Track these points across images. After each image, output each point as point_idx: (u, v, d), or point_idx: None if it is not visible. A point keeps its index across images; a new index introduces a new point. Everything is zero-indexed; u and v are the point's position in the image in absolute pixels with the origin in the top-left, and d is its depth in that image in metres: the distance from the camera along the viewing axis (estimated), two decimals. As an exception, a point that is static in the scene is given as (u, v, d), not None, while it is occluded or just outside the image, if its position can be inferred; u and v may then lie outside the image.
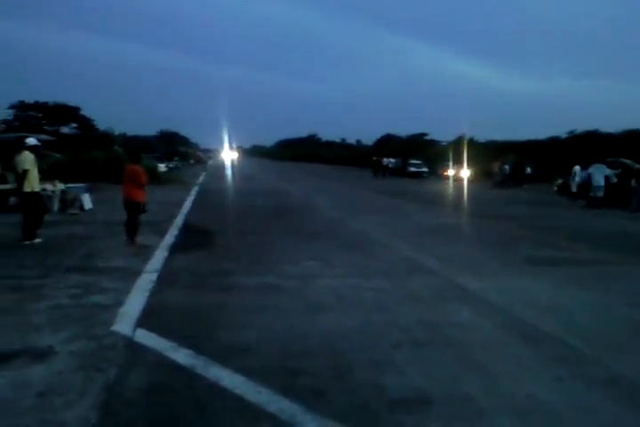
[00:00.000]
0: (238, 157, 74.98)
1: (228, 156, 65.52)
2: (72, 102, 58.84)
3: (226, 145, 68.88)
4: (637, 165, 22.13)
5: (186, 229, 11.60)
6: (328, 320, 5.36)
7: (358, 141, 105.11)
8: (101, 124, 56.63)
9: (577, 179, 22.95)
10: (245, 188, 26.11)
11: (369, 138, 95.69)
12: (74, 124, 59.46)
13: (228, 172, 39.85)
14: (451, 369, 4.20)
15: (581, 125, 46.57)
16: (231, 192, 23.75)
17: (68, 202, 14.23)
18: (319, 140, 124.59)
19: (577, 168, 23.20)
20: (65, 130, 57.51)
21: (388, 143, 75.12)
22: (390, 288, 6.74)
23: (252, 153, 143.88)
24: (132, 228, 9.43)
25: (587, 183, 21.16)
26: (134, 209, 9.43)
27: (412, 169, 45.88)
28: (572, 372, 4.20)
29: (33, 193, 9.48)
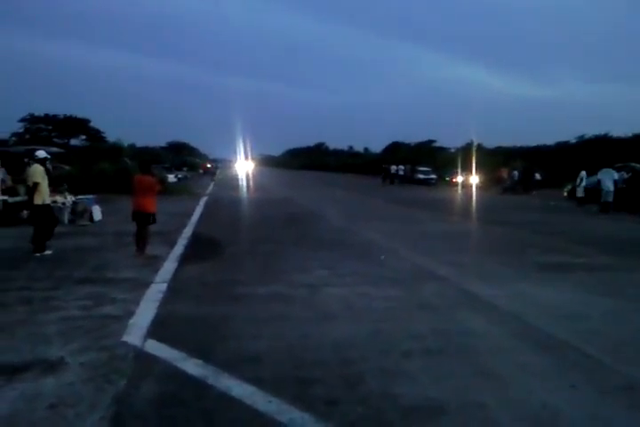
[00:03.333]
0: (254, 169, 64.10)
1: (243, 167, 55.72)
2: (81, 114, 59.40)
3: (240, 155, 60.24)
4: None
5: (195, 239, 11.61)
6: (338, 329, 5.33)
7: (366, 149, 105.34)
8: (111, 135, 57.08)
9: (583, 184, 22.89)
10: (254, 197, 26.18)
11: (377, 146, 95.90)
12: (83, 136, 60.02)
13: (237, 182, 39.91)
14: (463, 378, 4.15)
15: (591, 130, 46.37)
16: (240, 202, 23.77)
17: (78, 213, 14.31)
18: (327, 148, 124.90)
19: (583, 173, 23.15)
20: (75, 142, 58.01)
21: (397, 151, 75.12)
22: (401, 296, 6.71)
23: (261, 163, 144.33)
24: (141, 239, 9.44)
25: (595, 188, 21.09)
26: (144, 220, 9.42)
27: (421, 176, 45.82)
28: (587, 379, 4.15)
29: (43, 205, 9.54)
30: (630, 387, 4.02)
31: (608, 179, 20.23)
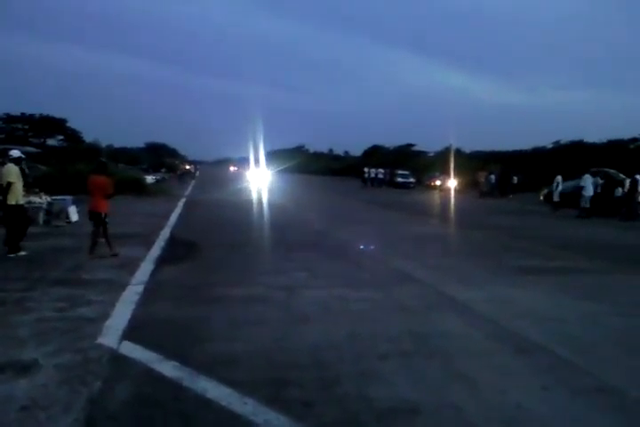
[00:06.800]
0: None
1: (257, 176, 38.96)
2: (59, 115, 58.68)
3: (251, 157, 44.70)
4: (622, 175, 22.47)
5: (172, 240, 11.53)
6: (315, 331, 5.34)
7: (346, 152, 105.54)
8: (88, 136, 56.47)
9: (559, 189, 23.26)
10: (233, 199, 26.05)
11: (357, 149, 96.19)
12: (60, 137, 59.29)
13: (215, 183, 39.63)
14: (439, 380, 4.19)
15: (566, 136, 47.06)
16: (219, 204, 23.61)
17: (54, 214, 14.13)
18: (307, 151, 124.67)
19: (559, 178, 23.50)
20: (51, 142, 57.28)
21: (376, 154, 75.42)
22: (378, 298, 6.74)
23: (240, 165, 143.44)
24: (94, 239, 9.30)
25: (572, 193, 21.53)
26: (99, 220, 9.37)
27: (400, 180, 46.14)
28: (560, 382, 4.21)
29: (17, 206, 9.39)
30: (601, 389, 4.09)
31: (591, 184, 20.67)
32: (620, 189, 20.78)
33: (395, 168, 49.29)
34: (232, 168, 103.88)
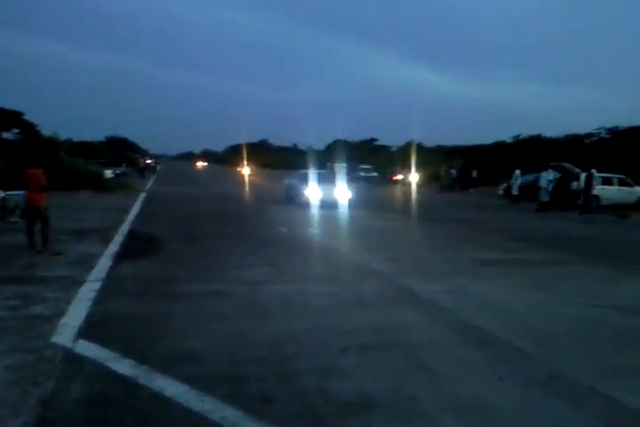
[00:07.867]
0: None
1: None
2: (15, 107, 56.86)
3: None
4: (577, 169, 23.03)
5: (132, 235, 11.33)
6: (276, 326, 5.32)
7: (310, 147, 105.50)
8: (46, 129, 54.84)
9: (518, 182, 23.72)
10: (194, 193, 25.77)
11: (320, 143, 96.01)
12: (16, 130, 57.53)
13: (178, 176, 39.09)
14: (397, 372, 4.22)
15: (526, 131, 47.85)
16: (180, 199, 23.30)
17: (9, 210, 13.70)
18: (270, 145, 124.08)
19: (518, 172, 23.96)
20: (7, 135, 55.54)
21: (339, 149, 75.49)
22: (339, 292, 6.75)
23: (203, 159, 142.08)
24: (43, 235, 9.08)
25: (530, 186, 21.98)
26: (36, 214, 9.15)
27: (362, 174, 46.34)
28: (516, 371, 4.29)
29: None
30: (555, 377, 4.18)
31: (550, 178, 21.09)
32: (575, 183, 21.30)
33: (357, 163, 49.45)
34: (199, 163, 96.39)
